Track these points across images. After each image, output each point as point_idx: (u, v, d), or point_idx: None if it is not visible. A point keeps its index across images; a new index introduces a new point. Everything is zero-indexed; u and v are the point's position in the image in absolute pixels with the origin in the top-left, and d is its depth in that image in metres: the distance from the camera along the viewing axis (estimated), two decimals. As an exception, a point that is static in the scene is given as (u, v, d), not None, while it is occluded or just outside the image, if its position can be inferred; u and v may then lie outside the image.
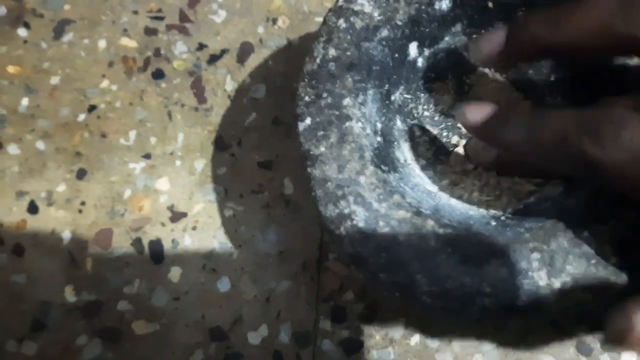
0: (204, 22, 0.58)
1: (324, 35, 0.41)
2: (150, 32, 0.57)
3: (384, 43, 0.41)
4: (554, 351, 0.46)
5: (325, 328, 0.48)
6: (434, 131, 0.46)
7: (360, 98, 0.40)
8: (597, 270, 0.35)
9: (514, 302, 0.35)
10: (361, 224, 0.36)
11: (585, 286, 0.34)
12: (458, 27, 0.44)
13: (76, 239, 0.51)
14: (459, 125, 0.46)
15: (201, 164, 0.53)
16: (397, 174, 0.40)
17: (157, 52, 0.57)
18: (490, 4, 0.43)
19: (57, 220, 0.52)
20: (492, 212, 0.41)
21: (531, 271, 0.35)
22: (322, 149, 0.38)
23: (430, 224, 0.36)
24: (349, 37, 0.41)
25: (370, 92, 0.41)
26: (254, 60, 0.56)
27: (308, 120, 0.39)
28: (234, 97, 0.55)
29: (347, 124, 0.39)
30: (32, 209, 0.52)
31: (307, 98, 0.40)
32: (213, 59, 0.56)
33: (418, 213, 0.37)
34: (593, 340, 0.46)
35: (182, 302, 0.49)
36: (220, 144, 0.53)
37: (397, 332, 0.48)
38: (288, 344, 0.48)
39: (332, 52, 0.41)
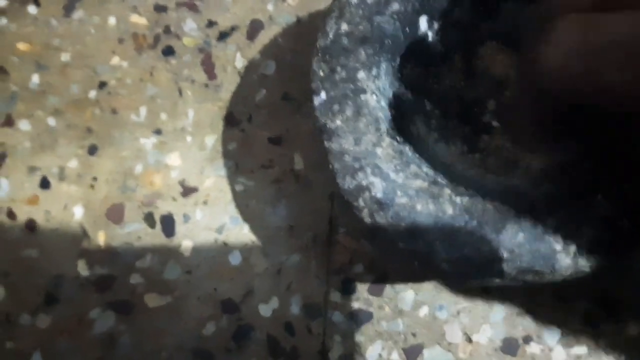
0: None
1: (336, 11, 0.42)
2: (159, 9, 0.58)
3: (395, 17, 0.42)
4: (560, 322, 0.47)
5: (335, 300, 0.49)
6: (445, 103, 0.47)
7: (374, 71, 0.40)
8: (612, 233, 0.35)
9: (531, 266, 0.35)
10: (379, 195, 0.37)
11: (600, 249, 0.35)
12: (467, 0, 0.45)
13: (88, 213, 0.52)
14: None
15: (212, 139, 0.53)
16: (411, 146, 0.41)
17: (167, 29, 0.57)
18: None
19: (69, 196, 0.53)
20: (506, 181, 0.42)
21: (547, 235, 0.35)
22: (338, 122, 0.39)
23: (447, 192, 0.37)
24: (360, 11, 0.41)
25: (383, 65, 0.41)
26: (263, 37, 0.57)
27: (323, 95, 0.40)
28: (243, 74, 0.55)
29: (362, 97, 0.39)
30: (44, 184, 0.53)
31: (321, 73, 0.40)
32: (223, 35, 0.57)
33: (435, 182, 0.37)
34: (599, 311, 0.47)
35: (193, 275, 0.50)
36: (231, 119, 0.54)
37: (406, 304, 0.49)
38: (299, 315, 0.49)
39: (344, 27, 0.41)
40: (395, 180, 0.37)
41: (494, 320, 0.48)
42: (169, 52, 0.56)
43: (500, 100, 0.46)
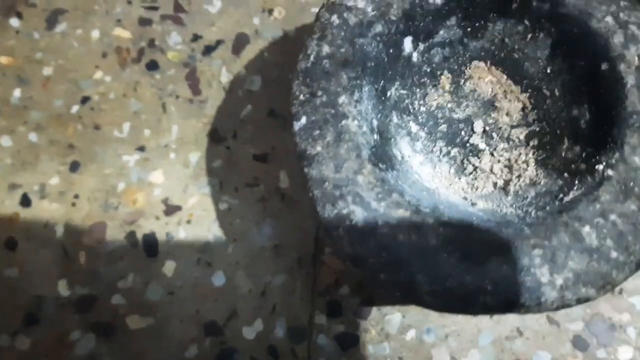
0: (198, 13, 0.57)
1: (317, 32, 0.41)
2: (144, 22, 0.57)
3: (378, 39, 0.41)
4: (550, 346, 0.46)
5: (321, 322, 0.48)
6: (431, 126, 0.46)
7: (356, 95, 0.39)
8: (599, 265, 0.34)
9: (516, 299, 0.34)
10: (360, 224, 0.36)
11: (587, 281, 0.34)
12: (452, 21, 0.44)
13: (70, 232, 0.51)
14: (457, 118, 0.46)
15: (196, 156, 0.52)
16: (395, 172, 0.40)
17: (151, 43, 0.56)
18: None
19: (51, 214, 0.51)
20: (493, 207, 0.41)
21: (533, 268, 0.34)
22: (319, 148, 0.38)
23: (429, 222, 0.36)
24: (342, 33, 0.40)
25: (366, 88, 0.40)
26: (249, 52, 0.55)
27: (303, 120, 0.38)
28: (229, 89, 0.54)
29: (343, 122, 0.38)
30: (25, 201, 0.52)
31: (301, 97, 0.39)
32: (208, 50, 0.56)
33: (417, 211, 0.36)
34: (589, 336, 0.46)
35: (176, 296, 0.49)
36: (215, 136, 0.53)
37: (392, 327, 0.48)
38: (283, 338, 0.48)
39: (325, 49, 0.40)
40: (376, 209, 0.36)
41: (482, 344, 0.47)
42: (153, 66, 0.55)
43: (488, 121, 0.46)
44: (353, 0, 0.41)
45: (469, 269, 0.35)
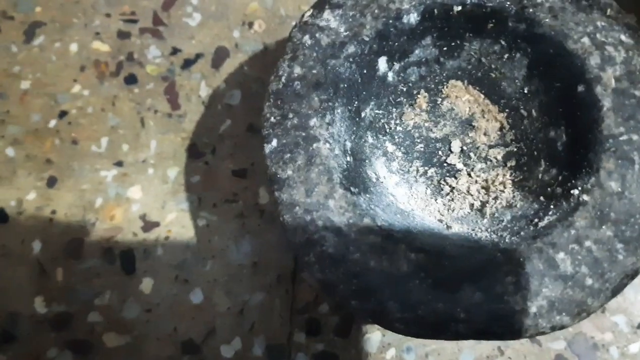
0: (178, 26, 0.56)
1: (289, 53, 0.40)
2: (123, 35, 0.56)
3: (351, 59, 0.40)
4: (531, 366, 0.46)
5: (300, 341, 0.47)
6: (408, 145, 0.45)
7: (328, 118, 0.38)
8: (574, 293, 0.34)
9: (489, 328, 0.34)
10: (331, 250, 0.35)
11: (561, 309, 0.34)
12: (428, 40, 0.43)
13: (46, 248, 0.50)
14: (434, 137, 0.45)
15: (174, 172, 0.52)
16: (367, 195, 0.39)
17: (129, 57, 0.55)
18: (454, 10, 0.42)
19: (27, 230, 0.51)
20: (468, 230, 0.40)
21: (506, 295, 0.34)
22: (289, 172, 0.37)
23: (402, 248, 0.35)
24: (314, 54, 0.40)
25: (339, 110, 0.39)
26: (229, 66, 0.55)
27: (274, 142, 0.38)
28: (208, 103, 0.54)
29: (315, 145, 0.38)
30: (2, 217, 0.51)
31: (272, 119, 0.39)
32: (187, 63, 0.55)
33: (389, 237, 0.36)
34: (571, 355, 0.46)
35: (153, 314, 0.48)
36: (194, 151, 0.52)
37: (372, 345, 0.47)
38: (261, 357, 0.47)
39: (297, 70, 0.39)
40: (347, 235, 0.36)
41: (463, 363, 0.46)
42: (131, 80, 0.55)
43: (466, 140, 0.45)
44: (325, 21, 0.40)
45: (440, 296, 0.34)
